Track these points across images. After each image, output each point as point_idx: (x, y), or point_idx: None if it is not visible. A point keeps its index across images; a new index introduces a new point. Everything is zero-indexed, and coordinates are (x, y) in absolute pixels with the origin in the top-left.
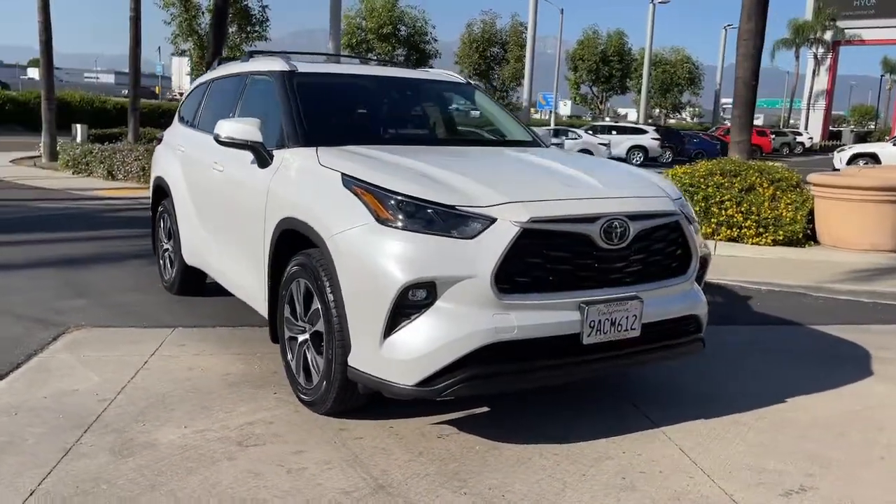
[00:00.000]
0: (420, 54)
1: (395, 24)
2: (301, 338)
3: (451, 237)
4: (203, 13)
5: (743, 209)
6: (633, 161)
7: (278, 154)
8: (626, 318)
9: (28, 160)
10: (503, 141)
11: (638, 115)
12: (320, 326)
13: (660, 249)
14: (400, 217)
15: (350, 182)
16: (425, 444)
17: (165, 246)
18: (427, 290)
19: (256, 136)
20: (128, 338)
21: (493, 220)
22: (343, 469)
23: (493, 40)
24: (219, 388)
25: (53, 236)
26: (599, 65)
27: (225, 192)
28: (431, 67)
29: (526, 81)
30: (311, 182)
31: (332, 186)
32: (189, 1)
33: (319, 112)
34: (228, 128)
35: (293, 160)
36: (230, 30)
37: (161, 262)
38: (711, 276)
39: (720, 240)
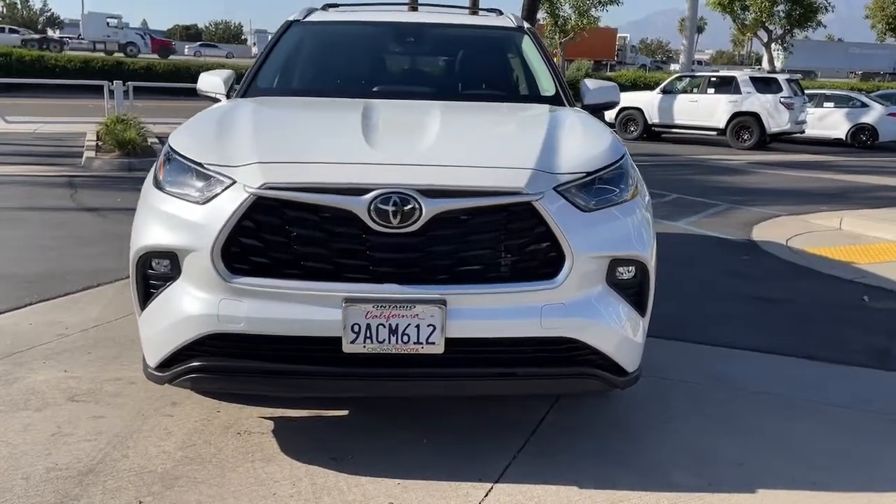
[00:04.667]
0: (805, 9)
1: None
2: None
3: (192, 201)
4: None
5: None
6: None
7: None
8: (415, 326)
9: None
10: (489, 95)
11: None
12: None
13: (495, 240)
14: (167, 175)
15: None
16: (209, 438)
17: None
18: (170, 260)
19: (220, 89)
20: None
21: (233, 183)
22: (97, 444)
23: None
24: None
25: None
26: None
27: None
28: (819, 23)
29: None
30: None
31: None
32: None
33: (283, 62)
34: (201, 80)
35: None
36: None
37: None
38: None
39: None
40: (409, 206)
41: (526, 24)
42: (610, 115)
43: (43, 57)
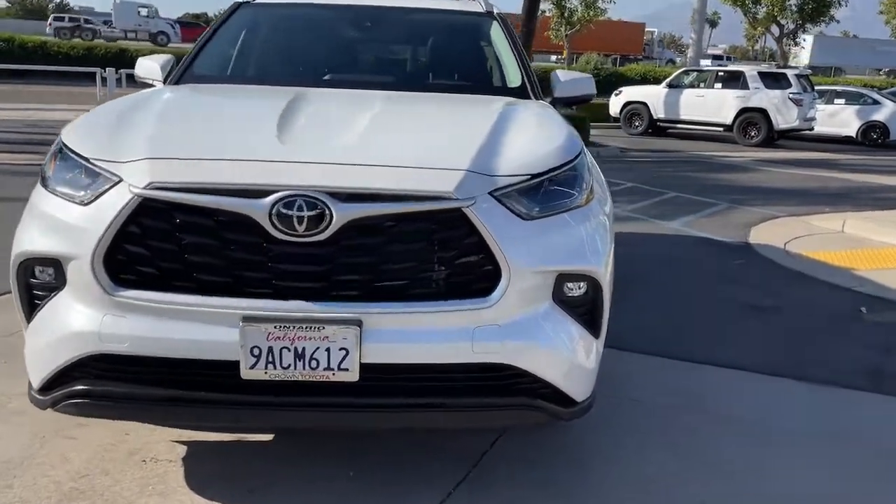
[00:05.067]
0: (817, 3)
1: None
2: None
3: (76, 202)
4: None
5: None
6: None
7: None
8: (325, 350)
9: None
10: (447, 86)
11: None
12: None
13: (419, 252)
14: (55, 171)
15: None
16: (109, 467)
17: None
18: (54, 268)
19: (157, 74)
20: None
21: (118, 182)
22: None
23: None
24: None
25: None
26: None
27: None
28: (832, 18)
29: None
30: None
31: None
32: None
33: (227, 46)
34: (138, 66)
35: None
36: None
37: None
38: None
39: None
40: (317, 212)
41: (496, 10)
42: (614, 109)
43: (45, 43)
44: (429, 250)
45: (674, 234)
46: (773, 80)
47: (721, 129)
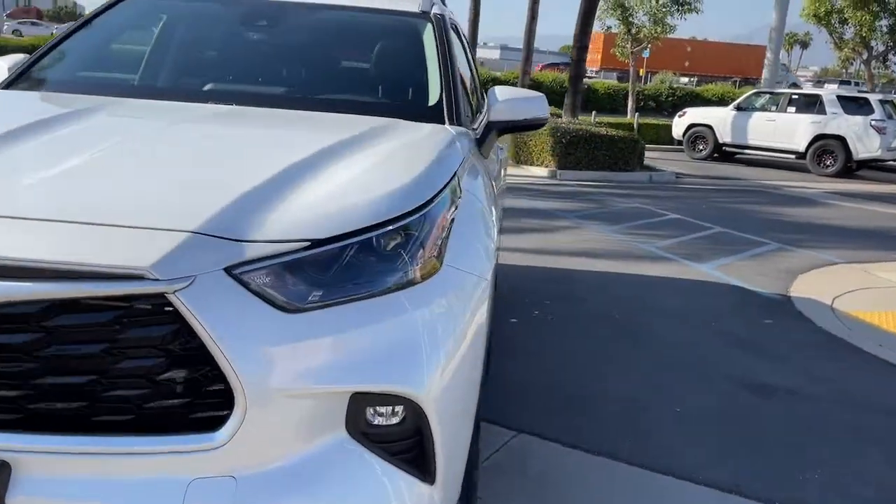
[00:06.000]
0: None
1: None
2: None
3: None
4: None
5: None
6: None
7: None
8: None
9: None
10: (332, 102)
11: None
12: None
13: (104, 360)
14: None
15: None
16: None
17: None
18: None
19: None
20: None
21: None
22: None
23: None
24: None
25: None
26: None
27: None
28: None
29: None
30: None
31: None
32: None
33: (93, 45)
34: None
35: None
36: None
37: None
38: None
39: None
40: None
41: (435, 11)
42: (677, 131)
43: None
44: (118, 357)
45: (700, 281)
46: (854, 106)
47: (793, 156)
